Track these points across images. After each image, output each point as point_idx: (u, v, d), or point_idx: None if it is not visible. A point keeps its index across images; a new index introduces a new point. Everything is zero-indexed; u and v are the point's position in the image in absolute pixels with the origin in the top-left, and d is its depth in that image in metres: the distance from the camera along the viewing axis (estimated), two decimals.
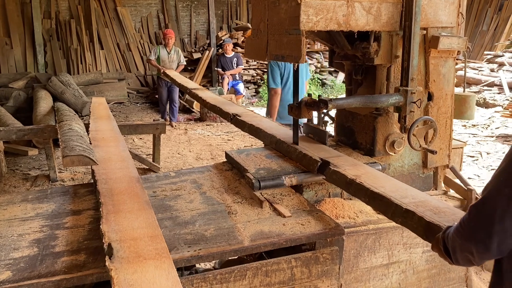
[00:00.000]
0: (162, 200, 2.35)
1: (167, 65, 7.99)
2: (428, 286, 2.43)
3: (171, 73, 7.05)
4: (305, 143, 2.67)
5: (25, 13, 11.35)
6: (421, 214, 1.64)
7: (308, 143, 2.67)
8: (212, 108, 4.03)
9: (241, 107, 3.95)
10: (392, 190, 1.89)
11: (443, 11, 2.48)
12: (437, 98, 2.60)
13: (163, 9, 13.09)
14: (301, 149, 2.51)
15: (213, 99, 4.26)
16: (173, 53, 8.14)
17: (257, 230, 2.00)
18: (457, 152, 3.13)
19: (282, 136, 2.81)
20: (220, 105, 3.86)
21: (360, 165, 2.28)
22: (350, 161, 2.33)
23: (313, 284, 2.02)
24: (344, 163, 2.26)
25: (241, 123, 3.30)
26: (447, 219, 1.59)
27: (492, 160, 5.77)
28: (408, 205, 1.73)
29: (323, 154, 2.42)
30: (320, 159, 2.33)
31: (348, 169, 2.17)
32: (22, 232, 2.00)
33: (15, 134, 4.95)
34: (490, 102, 8.96)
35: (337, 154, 2.44)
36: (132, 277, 1.43)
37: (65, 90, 7.90)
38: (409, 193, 1.87)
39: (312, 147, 2.59)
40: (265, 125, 3.09)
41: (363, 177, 2.04)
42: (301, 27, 2.08)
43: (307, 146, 2.60)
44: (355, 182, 2.00)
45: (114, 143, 3.10)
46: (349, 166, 2.22)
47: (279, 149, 2.74)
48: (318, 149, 2.53)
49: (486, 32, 13.30)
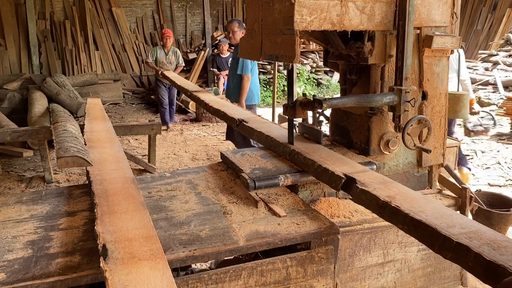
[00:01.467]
0: (157, 201, 2.35)
1: (165, 66, 7.73)
2: (423, 284, 2.44)
3: (169, 74, 6.82)
4: (300, 143, 2.68)
5: (19, 14, 11.31)
6: (478, 250, 1.40)
7: (303, 143, 2.67)
8: (216, 113, 3.80)
9: (247, 111, 3.76)
10: (435, 216, 1.64)
11: (437, 11, 2.49)
12: (431, 97, 2.61)
13: (158, 9, 13.07)
14: (321, 163, 2.23)
15: (216, 103, 4.04)
16: (171, 54, 7.89)
17: (252, 230, 2.01)
18: (452, 151, 3.15)
19: (298, 146, 2.58)
20: (225, 109, 3.66)
21: (390, 182, 2.02)
22: (378, 177, 2.07)
23: (308, 283, 2.02)
24: (372, 181, 2.00)
25: (248, 130, 3.07)
26: (510, 257, 1.36)
27: (487, 159, 5.80)
28: (459, 237, 1.48)
29: (347, 169, 2.15)
30: (344, 175, 2.07)
31: (378, 188, 1.91)
32: (17, 233, 1.99)
33: (10, 135, 4.92)
34: (485, 101, 9.00)
35: (363, 169, 2.18)
36: (127, 278, 1.43)
37: (60, 91, 7.87)
38: (456, 221, 1.62)
39: (309, 147, 2.59)
40: (276, 133, 2.85)
41: (398, 199, 1.79)
42: (295, 27, 2.09)
43: (303, 146, 2.61)
44: (390, 206, 1.74)
45: (109, 144, 3.09)
46: (379, 184, 1.96)
47: (294, 160, 2.50)
48: (339, 162, 2.28)
49: (480, 31, 13.36)
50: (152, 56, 7.83)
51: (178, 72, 7.81)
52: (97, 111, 4.72)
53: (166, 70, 7.47)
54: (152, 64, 7.78)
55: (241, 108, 4.19)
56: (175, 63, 7.91)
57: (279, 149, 2.65)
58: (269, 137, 2.79)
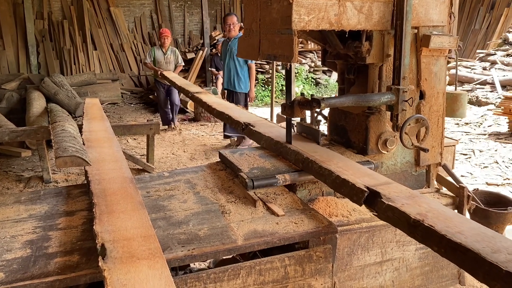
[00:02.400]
0: (155, 200, 2.35)
1: (164, 66, 7.45)
2: (421, 283, 2.45)
3: (169, 75, 6.59)
4: (299, 142, 2.68)
5: (17, 14, 11.28)
6: None
7: (302, 142, 2.68)
8: (220, 115, 3.62)
9: (253, 114, 3.61)
10: (476, 238, 1.46)
11: (434, 10, 2.50)
12: (429, 97, 2.62)
13: (157, 9, 13.05)
14: (339, 173, 2.05)
15: (220, 105, 3.88)
16: (170, 53, 7.59)
17: (250, 229, 2.01)
18: (450, 150, 3.16)
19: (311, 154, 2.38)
20: (229, 112, 3.48)
21: (418, 196, 1.83)
22: (404, 191, 1.88)
23: (306, 282, 2.03)
24: (398, 195, 1.82)
25: (256, 135, 2.91)
26: None
27: (484, 158, 5.81)
28: (507, 265, 1.30)
29: (368, 181, 1.97)
30: (366, 188, 1.89)
31: (407, 203, 1.73)
32: (15, 233, 2.00)
33: (8, 135, 4.92)
34: (483, 100, 9.02)
35: (386, 181, 1.99)
36: (125, 277, 1.43)
37: (58, 91, 7.86)
38: (500, 244, 1.43)
39: (307, 146, 2.59)
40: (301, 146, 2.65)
41: (431, 217, 1.61)
42: (293, 26, 2.09)
43: (302, 145, 2.61)
44: (423, 225, 1.56)
45: (108, 144, 3.09)
46: (406, 198, 1.78)
47: (308, 169, 2.33)
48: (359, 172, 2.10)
49: (478, 31, 13.39)
50: (150, 57, 7.59)
51: (178, 72, 7.62)
52: (95, 111, 4.72)
53: (166, 70, 7.25)
54: (151, 64, 7.54)
55: (246, 111, 4.11)
56: (174, 63, 7.67)
57: (290, 156, 2.51)
58: (279, 143, 2.66)
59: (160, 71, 7.15)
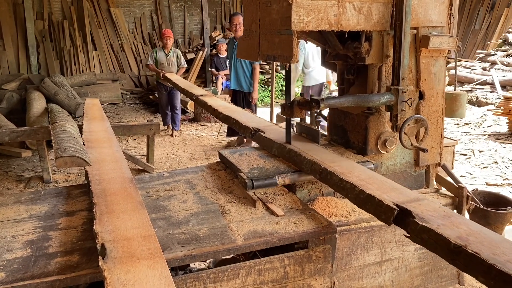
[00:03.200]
0: (155, 201, 2.36)
1: (166, 68, 7.26)
2: (420, 283, 2.45)
3: (172, 77, 6.47)
4: (298, 142, 2.69)
5: (17, 14, 11.30)
6: None
7: (301, 143, 2.68)
8: (226, 120, 3.46)
9: (261, 119, 3.47)
10: None
11: (434, 11, 2.51)
12: (428, 97, 2.63)
13: (157, 9, 13.07)
14: (363, 187, 1.87)
15: (226, 108, 3.72)
16: (172, 54, 7.40)
17: (250, 229, 2.02)
18: (449, 150, 3.16)
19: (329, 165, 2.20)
20: (236, 116, 3.33)
21: (454, 215, 1.67)
22: (437, 209, 1.71)
23: (306, 282, 2.04)
24: (432, 214, 1.65)
25: (266, 142, 2.77)
26: None
27: (484, 158, 5.82)
28: None
29: (396, 196, 1.79)
30: (395, 205, 1.70)
31: (443, 224, 1.56)
32: (15, 233, 2.00)
33: (8, 135, 4.93)
34: (483, 100, 9.02)
35: (415, 197, 1.81)
36: (125, 277, 1.44)
37: (59, 91, 7.87)
38: None
39: (307, 146, 2.60)
40: (302, 147, 2.55)
41: (473, 241, 1.44)
42: (293, 27, 2.10)
43: (301, 146, 2.62)
44: (466, 252, 1.38)
45: (108, 144, 3.10)
46: (441, 218, 1.61)
47: (326, 180, 2.15)
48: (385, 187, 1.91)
49: (478, 31, 13.39)
50: (152, 58, 7.39)
51: (181, 74, 7.49)
52: (95, 111, 4.73)
53: (168, 72, 7.11)
54: (153, 66, 7.36)
55: (254, 115, 4.01)
56: (177, 65, 7.49)
57: (306, 166, 2.33)
58: (292, 151, 2.50)
59: (162, 73, 7.04)
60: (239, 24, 5.93)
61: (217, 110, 3.68)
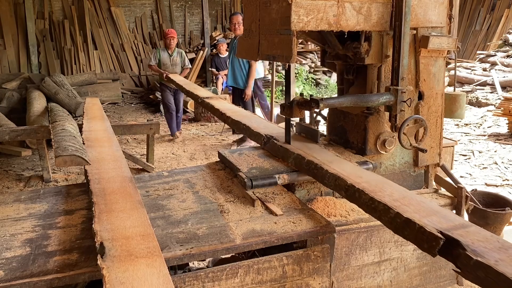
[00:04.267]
0: (154, 200, 2.36)
1: (170, 69, 6.95)
2: (419, 283, 2.45)
3: (175, 78, 6.26)
4: (298, 142, 2.69)
5: (18, 14, 11.30)
6: None
7: (300, 143, 2.69)
8: (236, 125, 3.28)
9: (273, 125, 3.30)
10: None
11: (433, 11, 2.51)
12: (427, 97, 2.63)
13: (157, 9, 13.07)
14: (400, 210, 1.63)
15: (234, 113, 3.53)
16: (176, 55, 7.07)
17: (249, 229, 2.02)
18: (448, 150, 3.17)
19: (356, 181, 1.96)
20: (246, 122, 3.14)
21: (510, 246, 1.44)
22: (489, 238, 1.48)
23: (304, 281, 2.04)
24: (485, 244, 1.43)
25: (282, 152, 2.58)
26: None
27: (484, 159, 5.82)
28: None
29: (438, 221, 1.58)
30: (439, 232, 1.49)
31: (501, 260, 1.33)
32: (15, 232, 2.01)
33: (8, 134, 4.93)
34: (483, 101, 9.02)
35: (461, 223, 1.60)
36: (124, 275, 1.44)
37: (59, 91, 7.88)
38: None
39: (306, 146, 2.60)
40: (324, 157, 2.32)
41: None
42: (292, 27, 2.10)
43: (301, 146, 2.62)
44: None
45: (108, 143, 3.10)
46: (497, 251, 1.39)
47: (353, 198, 1.92)
48: (424, 209, 1.68)
49: (479, 32, 13.40)
50: (155, 59, 7.05)
51: (185, 75, 7.20)
52: (95, 111, 4.74)
53: (172, 73, 6.87)
54: (156, 67, 7.03)
55: (265, 120, 3.86)
56: (181, 65, 7.15)
57: (328, 180, 2.11)
58: (312, 163, 2.27)
59: (165, 74, 6.82)
60: (238, 23, 6.07)
61: (225, 114, 3.52)
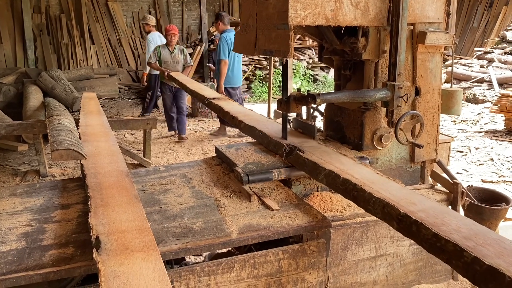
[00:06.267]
0: (151, 194, 2.36)
1: (171, 67, 6.67)
2: (415, 278, 2.46)
3: (178, 77, 5.89)
4: (294, 138, 2.69)
5: (14, 8, 11.24)
6: None
7: (297, 138, 2.69)
8: (250, 131, 2.91)
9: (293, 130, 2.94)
10: None
11: (430, 7, 2.51)
12: (424, 93, 2.63)
13: (155, 4, 13.02)
14: (479, 255, 1.27)
15: (246, 116, 3.17)
16: (177, 52, 6.78)
17: (245, 223, 2.02)
18: (445, 146, 3.18)
19: (409, 209, 1.62)
20: (262, 128, 2.82)
21: None
22: None
23: (300, 276, 2.04)
24: None
25: (310, 166, 2.21)
26: None
27: (480, 155, 5.84)
28: None
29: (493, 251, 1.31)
30: None
31: None
32: (10, 226, 2.00)
33: (5, 129, 4.92)
34: (480, 98, 9.05)
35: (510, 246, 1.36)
36: (119, 269, 1.44)
37: (56, 86, 7.86)
38: None
39: (303, 142, 2.60)
40: (357, 172, 2.02)
41: None
42: (289, 22, 2.09)
43: (297, 141, 2.62)
44: None
45: (104, 138, 3.09)
46: None
47: (411, 234, 1.56)
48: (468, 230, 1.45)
49: (476, 29, 13.40)
50: (155, 56, 6.74)
51: (188, 73, 6.93)
52: (92, 106, 4.71)
53: (173, 71, 6.55)
54: (156, 65, 6.75)
55: None
56: (182, 63, 6.85)
57: (375, 207, 1.74)
58: (349, 182, 1.90)
59: (167, 72, 6.48)
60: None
61: (237, 118, 3.13)
